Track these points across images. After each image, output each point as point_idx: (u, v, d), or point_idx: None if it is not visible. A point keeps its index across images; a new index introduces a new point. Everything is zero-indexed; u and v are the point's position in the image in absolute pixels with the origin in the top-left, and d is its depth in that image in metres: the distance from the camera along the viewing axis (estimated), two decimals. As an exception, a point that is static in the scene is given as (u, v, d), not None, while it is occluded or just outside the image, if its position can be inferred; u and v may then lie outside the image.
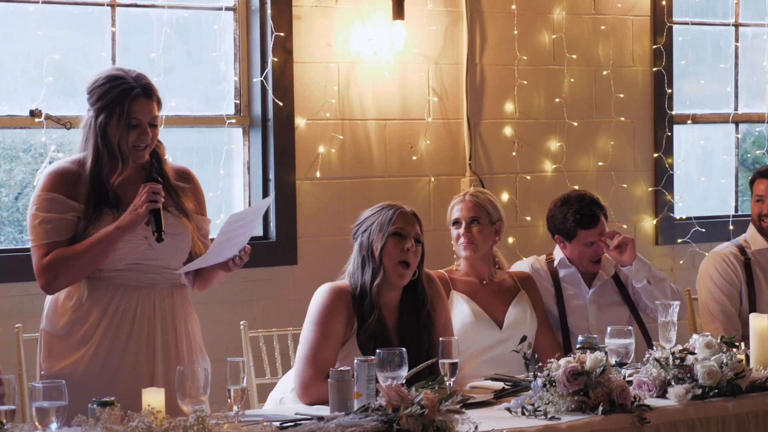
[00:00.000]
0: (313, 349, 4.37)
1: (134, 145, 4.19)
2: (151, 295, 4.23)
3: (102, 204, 4.16)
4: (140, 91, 4.18)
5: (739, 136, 7.50)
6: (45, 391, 3.50)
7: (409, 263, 4.46)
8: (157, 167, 4.29)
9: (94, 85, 4.22)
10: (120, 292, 4.19)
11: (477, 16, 6.55)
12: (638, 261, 5.25)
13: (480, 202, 5.11)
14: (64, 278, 4.14)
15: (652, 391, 4.26)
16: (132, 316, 4.19)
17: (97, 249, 4.10)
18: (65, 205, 4.14)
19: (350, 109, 6.25)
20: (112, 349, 4.16)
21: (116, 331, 4.17)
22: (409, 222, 4.50)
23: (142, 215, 4.09)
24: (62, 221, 4.13)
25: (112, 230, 4.09)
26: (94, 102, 4.20)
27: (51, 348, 4.21)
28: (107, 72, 4.25)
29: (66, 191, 4.16)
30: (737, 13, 7.43)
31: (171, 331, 4.26)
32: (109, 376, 4.13)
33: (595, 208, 5.27)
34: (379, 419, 3.67)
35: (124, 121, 4.16)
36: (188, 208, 4.32)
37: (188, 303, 4.37)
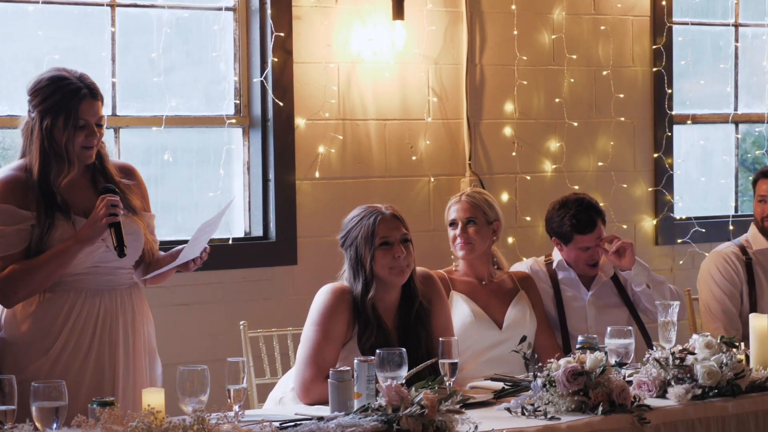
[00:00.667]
0: (313, 350, 4.37)
1: (82, 146, 4.13)
2: (113, 297, 4.19)
3: (53, 210, 4.09)
4: (87, 92, 4.12)
5: (739, 136, 7.50)
6: (45, 391, 3.50)
7: (403, 268, 4.46)
8: (100, 167, 4.24)
9: (36, 87, 4.15)
10: (82, 296, 4.15)
11: (477, 16, 6.55)
12: (637, 265, 5.24)
13: (476, 202, 5.11)
14: (22, 293, 4.07)
15: (652, 391, 4.25)
16: (95, 319, 4.16)
17: (57, 262, 4.05)
18: (17, 215, 4.07)
19: (350, 109, 6.25)
20: (75, 354, 4.12)
21: (80, 335, 4.13)
22: (391, 226, 4.47)
23: (102, 228, 4.04)
24: (16, 232, 4.06)
25: (71, 244, 4.04)
26: (38, 104, 4.13)
27: (15, 355, 4.12)
28: (50, 73, 4.17)
29: (17, 200, 4.08)
30: (737, 13, 7.43)
31: (131, 332, 4.24)
32: (72, 381, 4.04)
33: (593, 214, 5.25)
34: (379, 419, 3.67)
35: (71, 122, 4.09)
36: (136, 206, 4.28)
37: (145, 302, 4.35)
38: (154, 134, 5.89)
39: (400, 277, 4.46)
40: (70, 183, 4.15)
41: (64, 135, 4.10)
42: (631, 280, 5.28)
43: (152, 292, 4.43)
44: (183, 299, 5.85)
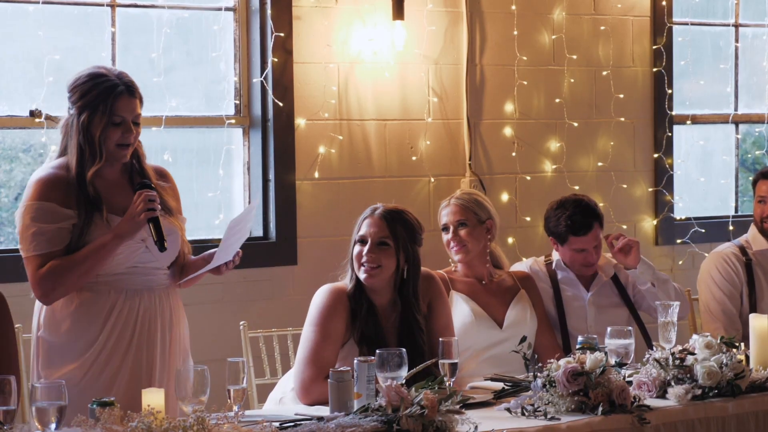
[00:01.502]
0: (312, 350, 4.37)
1: (118, 144, 4.15)
2: (152, 297, 4.23)
3: (91, 208, 4.11)
4: (124, 89, 4.15)
5: (739, 136, 7.50)
6: (45, 391, 3.50)
7: (366, 269, 4.44)
8: (138, 167, 4.27)
9: (75, 84, 4.18)
10: (122, 296, 4.17)
11: (477, 17, 6.55)
12: (642, 263, 5.25)
13: (465, 203, 5.10)
14: (61, 289, 4.10)
15: (652, 392, 4.26)
16: (134, 319, 4.19)
17: (95, 258, 4.07)
18: (59, 214, 4.10)
19: (350, 109, 6.25)
20: (114, 353, 4.15)
21: (119, 335, 4.16)
22: (373, 225, 4.48)
23: (141, 223, 4.07)
24: (58, 231, 4.09)
25: (110, 239, 4.06)
26: (77, 100, 4.16)
27: (50, 355, 4.17)
28: (89, 70, 4.20)
29: (59, 199, 4.11)
30: (737, 13, 7.43)
31: (168, 332, 4.27)
32: (109, 380, 4.12)
33: (589, 216, 5.23)
34: (379, 419, 3.67)
35: (107, 118, 4.12)
36: (172, 207, 4.31)
37: (180, 302, 4.38)
38: (154, 134, 5.89)
39: (365, 276, 4.45)
40: (108, 182, 4.19)
41: (100, 131, 4.13)
42: (637, 278, 5.28)
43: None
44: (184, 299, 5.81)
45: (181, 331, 4.34)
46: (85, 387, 4.08)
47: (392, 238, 4.44)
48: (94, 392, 3.97)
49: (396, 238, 4.45)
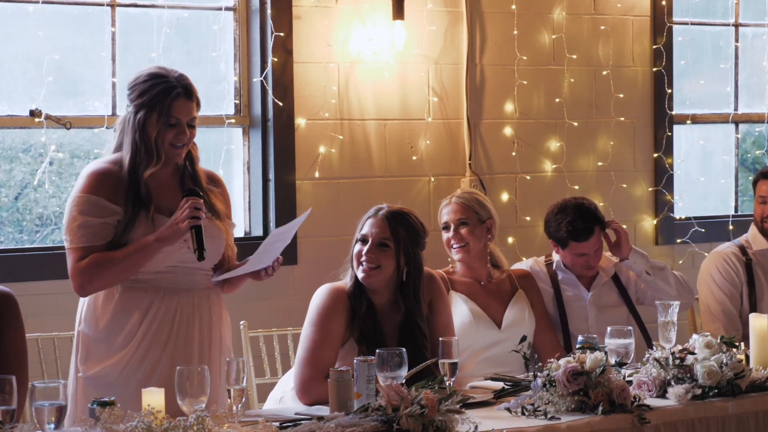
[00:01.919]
0: (311, 350, 4.37)
1: (171, 144, 4.22)
2: (190, 297, 4.26)
3: (138, 205, 4.17)
4: (181, 91, 4.23)
5: (739, 136, 7.50)
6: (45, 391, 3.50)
7: (365, 269, 4.44)
8: (191, 170, 4.34)
9: (135, 82, 4.26)
10: (160, 295, 4.22)
11: (477, 16, 6.55)
12: (634, 253, 5.25)
13: (466, 202, 5.10)
14: (98, 283, 4.16)
15: (652, 391, 4.26)
16: (172, 318, 4.23)
17: (135, 259, 4.13)
18: (106, 209, 4.15)
19: (350, 109, 6.25)
20: (151, 351, 4.19)
21: (156, 332, 4.20)
22: (375, 226, 4.48)
23: (184, 231, 4.11)
24: (102, 225, 4.15)
25: (151, 241, 4.12)
26: (135, 98, 4.23)
27: (89, 350, 4.22)
28: (149, 70, 4.29)
29: (107, 193, 4.17)
30: (737, 13, 7.43)
31: (207, 333, 4.30)
32: (146, 377, 4.15)
33: (590, 221, 5.21)
34: (379, 419, 3.67)
35: (163, 118, 4.19)
36: (220, 210, 4.37)
37: (222, 304, 4.42)
38: (154, 134, 5.89)
39: (363, 276, 4.45)
40: (159, 182, 4.24)
41: (155, 130, 4.19)
42: (631, 268, 5.28)
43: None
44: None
45: (222, 333, 4.37)
46: (122, 384, 4.13)
47: (393, 239, 4.44)
48: (130, 390, 3.99)
49: (397, 240, 4.44)
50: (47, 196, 5.72)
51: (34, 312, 5.16)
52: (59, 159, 5.72)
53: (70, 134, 5.68)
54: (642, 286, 5.35)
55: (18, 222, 5.71)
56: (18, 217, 5.71)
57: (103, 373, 4.16)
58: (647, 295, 5.33)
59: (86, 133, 5.79)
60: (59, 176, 5.76)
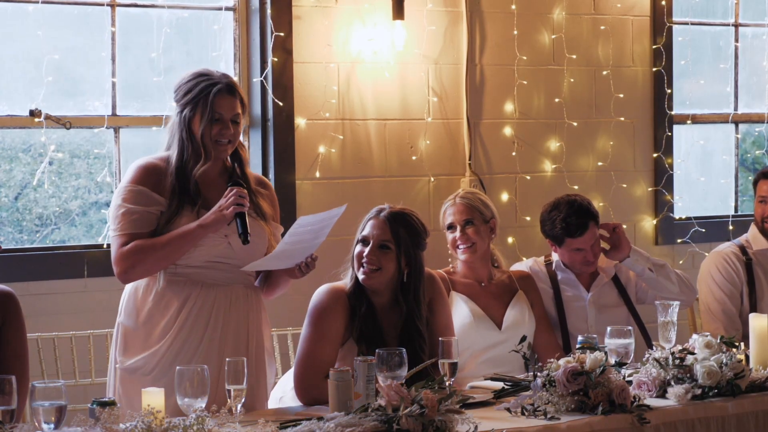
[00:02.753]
0: (309, 349, 4.38)
1: (216, 140, 4.29)
2: (227, 293, 4.31)
3: (184, 200, 4.25)
4: (223, 87, 4.31)
5: (738, 136, 7.50)
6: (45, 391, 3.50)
7: (365, 270, 4.44)
8: (240, 172, 4.39)
9: (180, 83, 4.36)
10: (197, 289, 4.28)
11: (477, 16, 6.55)
12: (634, 252, 5.25)
13: (471, 202, 5.10)
14: (140, 268, 4.23)
15: (652, 391, 4.26)
16: (208, 313, 4.28)
17: (178, 244, 4.20)
18: (150, 198, 4.24)
19: (350, 109, 6.25)
20: (187, 345, 4.25)
21: (192, 326, 4.26)
22: (377, 227, 4.48)
23: (228, 217, 4.18)
24: (146, 214, 4.23)
25: (194, 227, 4.19)
26: (180, 98, 4.33)
27: (127, 341, 4.30)
28: (194, 70, 4.40)
29: (152, 185, 4.26)
30: (737, 13, 7.43)
31: (243, 331, 4.35)
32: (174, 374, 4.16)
33: (584, 216, 5.22)
34: (379, 419, 3.67)
35: (207, 115, 4.27)
36: (266, 212, 4.42)
37: (262, 305, 4.46)
38: (154, 134, 5.89)
39: (363, 278, 4.45)
40: (206, 179, 4.32)
41: (200, 127, 4.28)
42: (632, 268, 5.28)
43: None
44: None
45: (260, 331, 4.41)
46: (156, 377, 4.18)
47: (394, 241, 4.44)
48: (165, 383, 4.00)
49: (398, 241, 4.44)
50: (47, 196, 5.73)
51: (34, 312, 5.17)
52: (59, 159, 5.72)
53: (69, 134, 5.68)
54: (643, 286, 5.35)
55: (18, 222, 5.71)
56: (18, 217, 5.71)
57: (139, 364, 4.24)
58: (648, 295, 5.33)
59: (86, 133, 5.79)
60: (59, 176, 5.76)
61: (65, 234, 5.76)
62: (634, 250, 5.26)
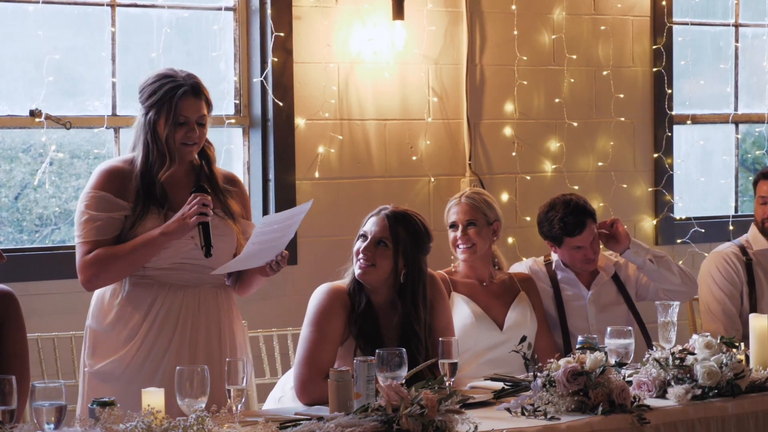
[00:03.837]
0: (310, 350, 4.37)
1: (182, 143, 4.25)
2: (196, 294, 4.28)
3: (150, 202, 4.21)
4: (188, 89, 4.25)
5: (739, 136, 7.50)
6: (45, 391, 3.50)
7: (361, 265, 4.43)
8: (207, 170, 4.35)
9: (145, 84, 4.29)
10: (165, 291, 4.24)
11: (477, 17, 6.55)
12: (634, 244, 5.26)
13: (475, 203, 5.10)
14: (105, 276, 4.19)
15: (652, 392, 4.26)
16: (176, 314, 4.24)
17: (141, 252, 4.16)
18: (114, 203, 4.20)
19: (350, 109, 6.25)
20: (155, 348, 4.21)
21: (160, 329, 4.22)
22: (377, 224, 4.46)
23: (191, 226, 4.13)
24: (109, 220, 4.19)
25: (157, 235, 4.14)
26: (145, 100, 4.27)
27: (96, 345, 4.26)
28: (158, 71, 4.33)
29: (115, 190, 4.21)
30: (737, 13, 7.43)
31: (215, 331, 4.31)
32: (150, 374, 4.18)
33: (581, 215, 5.22)
34: (379, 419, 3.67)
35: (172, 118, 4.22)
36: (234, 211, 4.37)
37: (233, 304, 4.42)
38: (154, 134, 5.89)
39: (359, 272, 4.44)
40: (172, 180, 4.27)
41: (165, 130, 4.23)
42: (631, 260, 5.28)
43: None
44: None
45: (234, 331, 4.37)
46: (127, 380, 4.15)
47: (392, 239, 4.43)
48: (135, 386, 3.99)
49: (396, 240, 4.43)
50: (47, 196, 5.73)
51: (34, 312, 5.17)
52: (59, 159, 5.72)
53: (70, 134, 5.68)
54: (644, 281, 5.35)
55: (18, 222, 5.71)
56: (18, 217, 5.71)
57: (108, 368, 4.20)
58: (648, 290, 5.33)
59: (86, 133, 5.79)
60: (59, 176, 5.76)
61: (65, 234, 5.76)
62: (633, 242, 5.26)
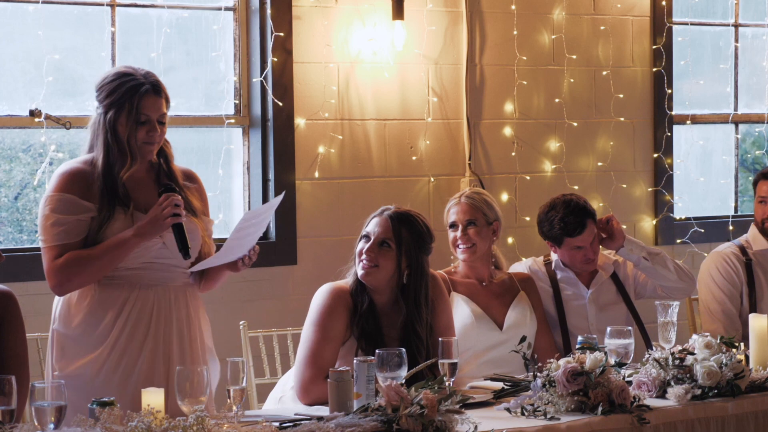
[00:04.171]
0: (312, 350, 4.37)
1: (143, 142, 4.20)
2: (166, 293, 4.23)
3: (114, 203, 4.15)
4: (149, 88, 4.20)
5: (738, 136, 7.50)
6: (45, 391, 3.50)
7: (364, 267, 4.43)
8: (166, 168, 4.31)
9: (103, 83, 4.24)
10: (135, 291, 4.18)
11: (477, 16, 6.55)
12: (628, 242, 5.26)
13: (475, 203, 5.10)
14: (77, 281, 4.13)
15: (652, 392, 4.26)
16: (149, 314, 4.19)
17: (114, 254, 4.10)
18: (79, 206, 4.13)
19: (350, 109, 6.25)
20: (129, 348, 4.16)
21: (133, 329, 4.17)
22: (380, 225, 4.46)
23: (165, 227, 4.10)
24: (76, 223, 4.12)
25: (130, 237, 4.09)
26: (103, 99, 4.22)
27: (64, 349, 4.18)
28: (116, 69, 4.28)
29: (79, 191, 4.14)
30: (737, 13, 7.43)
31: (186, 329, 4.27)
32: (125, 375, 4.13)
33: (581, 215, 5.22)
34: (379, 419, 3.67)
35: (133, 117, 4.17)
36: (196, 207, 4.34)
37: (200, 302, 4.38)
38: (153, 134, 5.89)
39: (362, 273, 4.44)
40: (133, 179, 4.21)
41: (126, 129, 4.18)
42: (627, 257, 5.28)
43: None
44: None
45: (201, 330, 4.34)
46: (101, 383, 4.09)
47: (395, 240, 4.43)
48: (110, 388, 3.98)
49: (399, 241, 4.43)
50: (47, 196, 5.72)
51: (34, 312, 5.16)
52: (59, 159, 5.71)
53: (69, 134, 5.68)
54: (641, 279, 5.35)
55: (18, 222, 5.71)
56: (18, 217, 5.71)
57: (79, 371, 4.11)
58: (647, 288, 5.34)
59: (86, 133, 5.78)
60: (59, 176, 5.76)
61: (65, 234, 5.76)
62: (628, 240, 5.26)
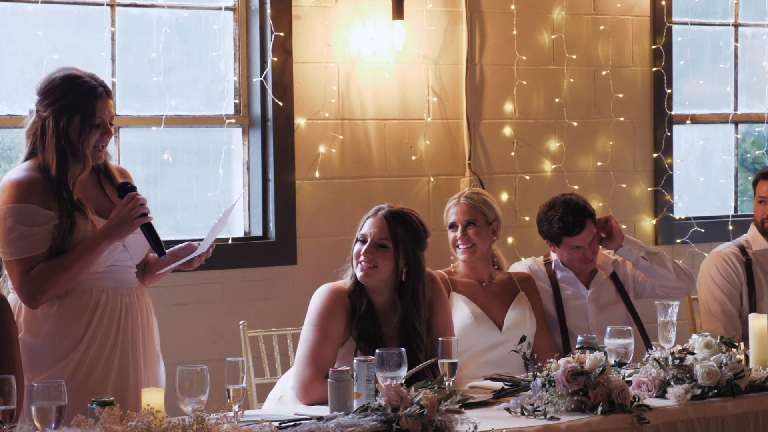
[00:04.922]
0: (312, 350, 4.37)
1: (95, 146, 4.12)
2: (130, 295, 4.20)
3: (72, 209, 4.06)
4: (102, 90, 4.12)
5: (738, 136, 7.50)
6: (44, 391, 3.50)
7: (363, 268, 4.43)
8: (104, 167, 4.23)
9: (49, 86, 4.11)
10: (104, 295, 4.14)
11: (477, 16, 6.55)
12: (627, 242, 5.26)
13: (475, 203, 5.10)
14: (51, 291, 4.04)
15: (652, 391, 4.26)
16: (118, 318, 4.15)
17: (87, 259, 4.04)
18: (42, 215, 4.03)
19: (350, 109, 6.25)
20: (100, 352, 4.12)
21: (104, 334, 4.13)
22: (375, 225, 4.46)
23: (135, 227, 4.05)
24: (42, 233, 4.03)
25: (100, 241, 4.03)
26: (52, 103, 4.09)
27: (32, 357, 4.07)
28: (62, 72, 4.14)
29: (39, 200, 4.04)
30: (737, 13, 7.43)
31: (147, 328, 4.26)
32: (97, 379, 4.09)
33: (580, 215, 5.22)
34: (379, 419, 3.67)
35: (88, 120, 4.08)
36: None
37: (151, 302, 4.35)
38: (153, 134, 5.89)
39: (361, 275, 4.44)
40: (79, 182, 4.14)
41: (81, 134, 4.08)
42: (625, 257, 5.28)
43: (152, 292, 4.43)
44: (183, 299, 5.85)
45: (154, 330, 4.33)
46: (78, 386, 4.03)
47: (392, 240, 4.43)
48: (87, 391, 3.97)
49: (396, 240, 4.43)
50: (47, 195, 5.72)
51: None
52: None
53: (69, 134, 5.67)
54: (641, 278, 5.35)
55: (18, 222, 5.70)
56: (18, 216, 5.70)
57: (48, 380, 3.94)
58: (646, 287, 5.34)
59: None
60: (59, 176, 5.76)
61: (65, 234, 5.76)
62: (626, 240, 5.26)
